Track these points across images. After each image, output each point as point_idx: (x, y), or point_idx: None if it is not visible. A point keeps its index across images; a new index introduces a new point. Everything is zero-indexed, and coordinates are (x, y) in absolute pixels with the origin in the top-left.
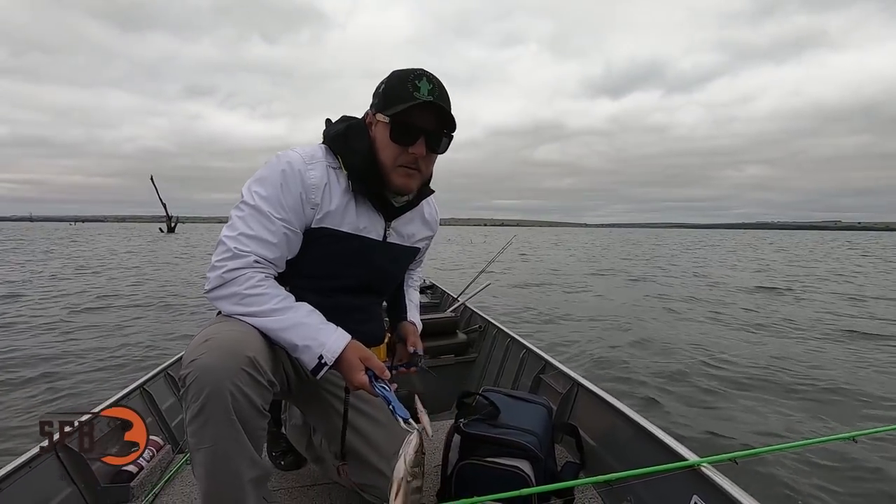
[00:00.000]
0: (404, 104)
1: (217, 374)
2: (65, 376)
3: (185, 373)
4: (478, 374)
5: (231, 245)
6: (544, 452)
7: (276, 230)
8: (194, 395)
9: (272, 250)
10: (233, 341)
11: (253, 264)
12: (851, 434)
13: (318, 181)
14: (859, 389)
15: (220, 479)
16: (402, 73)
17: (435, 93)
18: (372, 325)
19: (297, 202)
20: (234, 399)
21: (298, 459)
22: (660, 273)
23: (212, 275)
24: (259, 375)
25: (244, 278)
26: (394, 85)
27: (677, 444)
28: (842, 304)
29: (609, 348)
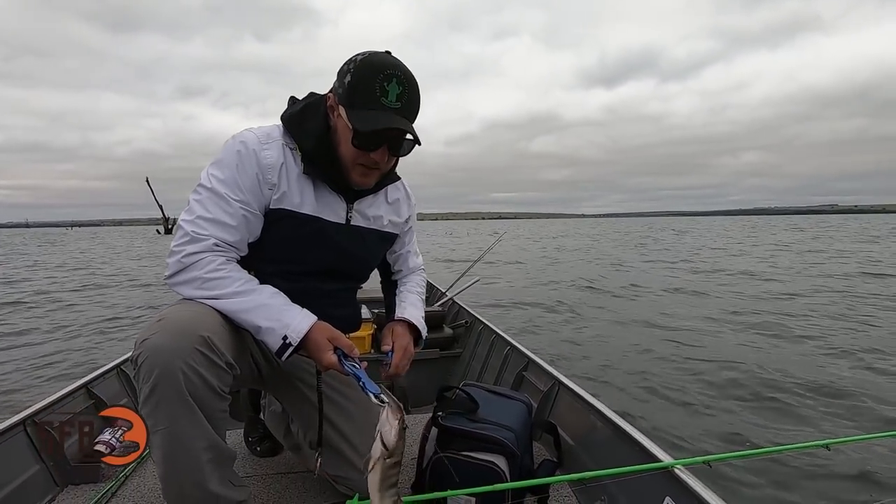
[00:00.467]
0: (369, 110)
1: (168, 353)
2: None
3: (136, 353)
4: (461, 370)
5: (189, 229)
6: (521, 449)
7: (234, 212)
8: (145, 375)
9: (231, 233)
10: (186, 321)
11: (212, 248)
12: (825, 442)
13: (273, 161)
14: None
15: (178, 461)
16: (372, 68)
17: (404, 97)
18: (343, 310)
19: (253, 183)
20: (188, 379)
21: (275, 446)
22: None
23: (171, 260)
24: (214, 356)
25: (204, 262)
26: (361, 81)
27: (652, 446)
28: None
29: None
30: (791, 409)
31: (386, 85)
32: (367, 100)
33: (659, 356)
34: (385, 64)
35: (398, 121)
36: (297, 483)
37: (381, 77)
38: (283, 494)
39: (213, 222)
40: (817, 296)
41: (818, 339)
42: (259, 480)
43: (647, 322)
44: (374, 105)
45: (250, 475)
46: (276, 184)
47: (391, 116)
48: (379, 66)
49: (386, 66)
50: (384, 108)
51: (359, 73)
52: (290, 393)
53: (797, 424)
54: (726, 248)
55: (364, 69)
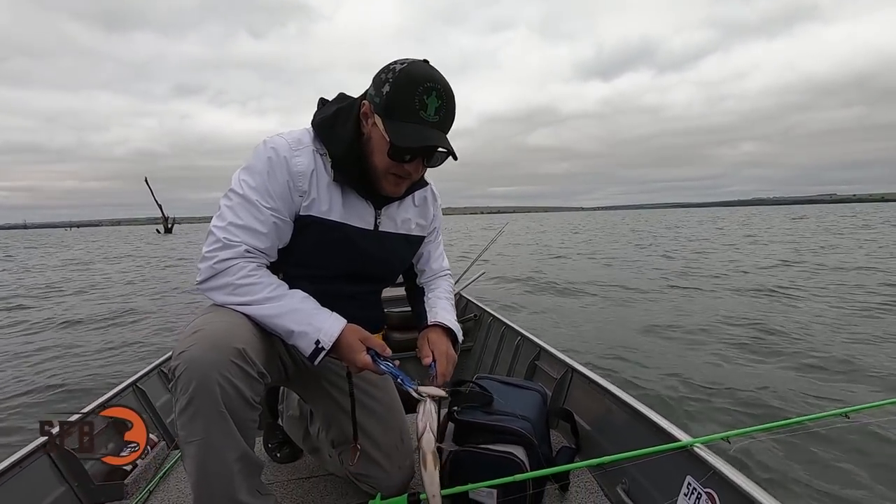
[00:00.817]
0: (407, 123)
1: (205, 366)
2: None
3: (173, 365)
4: (473, 363)
5: (221, 235)
6: (538, 438)
7: (265, 219)
8: (183, 387)
9: (262, 240)
10: (222, 332)
11: (244, 254)
12: (843, 410)
13: (304, 168)
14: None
15: (210, 472)
16: (412, 80)
17: (442, 110)
18: (369, 311)
19: (284, 190)
20: (224, 391)
21: (294, 451)
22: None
23: (203, 266)
24: (248, 367)
25: (236, 268)
26: (401, 93)
27: (670, 426)
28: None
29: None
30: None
31: (425, 98)
32: (405, 113)
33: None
34: (425, 76)
35: (436, 136)
36: (319, 487)
37: (421, 90)
38: (305, 499)
39: (244, 229)
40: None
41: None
42: (280, 487)
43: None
44: (413, 118)
45: (271, 482)
46: (307, 190)
47: (429, 131)
48: (419, 78)
49: (426, 78)
50: (422, 121)
51: (398, 84)
52: (315, 391)
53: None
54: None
55: (403, 81)
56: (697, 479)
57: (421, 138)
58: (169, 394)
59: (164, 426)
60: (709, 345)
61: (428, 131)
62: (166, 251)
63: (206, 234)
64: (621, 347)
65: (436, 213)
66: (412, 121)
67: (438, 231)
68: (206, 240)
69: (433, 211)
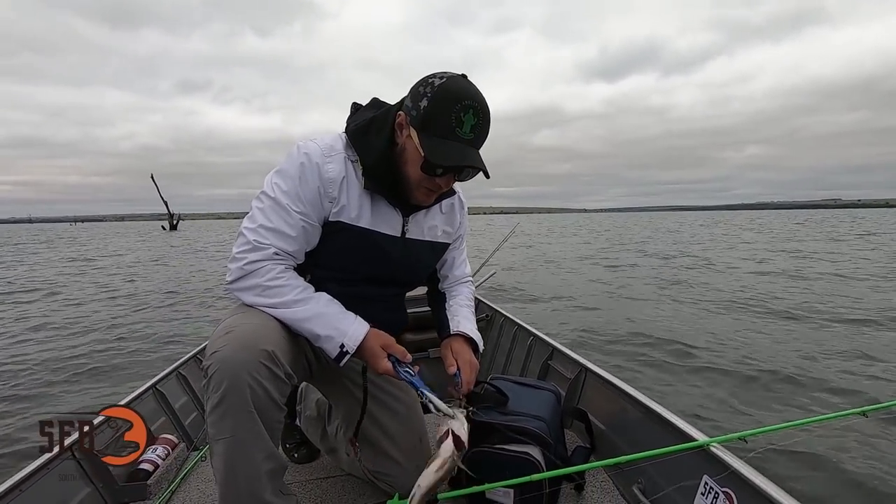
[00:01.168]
0: (443, 139)
1: (236, 366)
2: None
3: (207, 364)
4: (486, 364)
5: (251, 237)
6: (553, 438)
7: (294, 223)
8: (215, 386)
9: (291, 243)
10: (252, 334)
11: (273, 256)
12: (862, 409)
13: (335, 175)
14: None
15: (238, 470)
16: (450, 97)
17: (477, 129)
18: (393, 314)
19: (314, 196)
20: (253, 391)
21: (312, 452)
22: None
23: (233, 266)
24: (277, 369)
25: (264, 270)
26: (438, 109)
27: (686, 425)
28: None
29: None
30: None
31: (462, 115)
32: (441, 129)
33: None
34: (463, 94)
35: (471, 154)
36: (337, 486)
37: (459, 107)
38: (323, 499)
39: (274, 232)
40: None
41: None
42: (299, 487)
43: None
44: (449, 135)
45: (289, 482)
46: (337, 197)
47: (464, 150)
48: (457, 95)
49: (464, 95)
50: (458, 138)
51: (436, 100)
52: (337, 389)
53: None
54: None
55: (442, 97)
56: (714, 478)
57: (455, 156)
58: (187, 396)
59: (183, 428)
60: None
61: (463, 149)
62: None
63: (236, 234)
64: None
65: (462, 221)
66: (448, 137)
67: (463, 238)
68: (236, 240)
69: (459, 218)
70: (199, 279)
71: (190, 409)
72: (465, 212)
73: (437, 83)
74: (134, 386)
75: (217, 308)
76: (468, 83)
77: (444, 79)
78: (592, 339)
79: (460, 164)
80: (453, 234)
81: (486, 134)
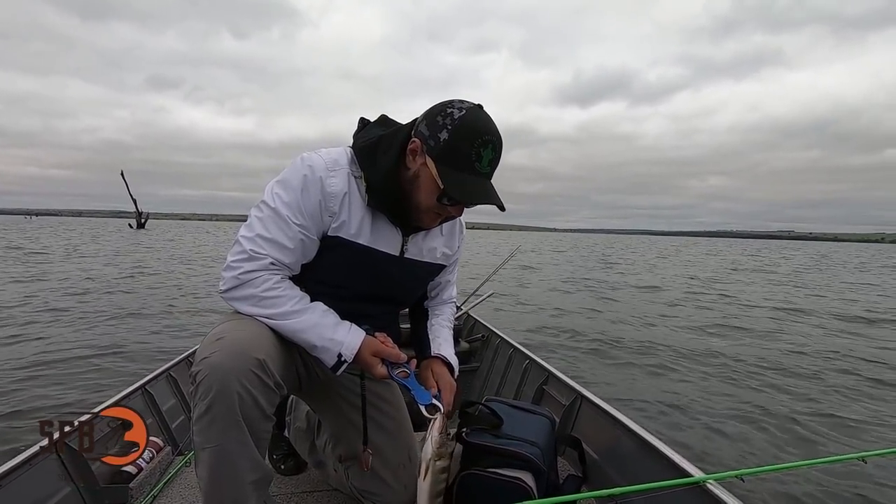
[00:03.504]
0: (461, 172)
1: (226, 374)
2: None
3: (195, 370)
4: (480, 384)
5: (247, 246)
6: (547, 465)
7: (293, 235)
8: (203, 393)
9: (288, 255)
10: (244, 342)
11: (269, 267)
12: (861, 454)
13: (337, 190)
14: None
15: (223, 479)
16: (472, 131)
17: (494, 163)
18: (386, 329)
19: (315, 209)
20: (241, 400)
21: (298, 464)
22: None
23: (227, 275)
24: (267, 378)
25: (260, 280)
26: (459, 143)
27: (682, 460)
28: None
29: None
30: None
31: (482, 151)
32: (461, 164)
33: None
34: (483, 129)
35: (489, 190)
36: (322, 501)
37: (479, 143)
38: None
39: (271, 242)
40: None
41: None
42: (284, 499)
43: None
44: (467, 169)
45: (275, 494)
46: (337, 212)
47: (483, 184)
48: (478, 130)
49: (484, 131)
50: (476, 173)
51: (458, 135)
52: (326, 403)
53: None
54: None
55: (463, 132)
56: None
57: (476, 193)
58: (175, 399)
59: (169, 431)
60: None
61: (483, 184)
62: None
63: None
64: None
65: (460, 244)
66: (466, 170)
67: (457, 261)
68: (231, 248)
69: (458, 242)
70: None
71: (178, 413)
72: (463, 235)
73: (457, 115)
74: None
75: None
76: (487, 117)
77: (463, 111)
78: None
79: (481, 201)
80: (451, 256)
81: (497, 166)
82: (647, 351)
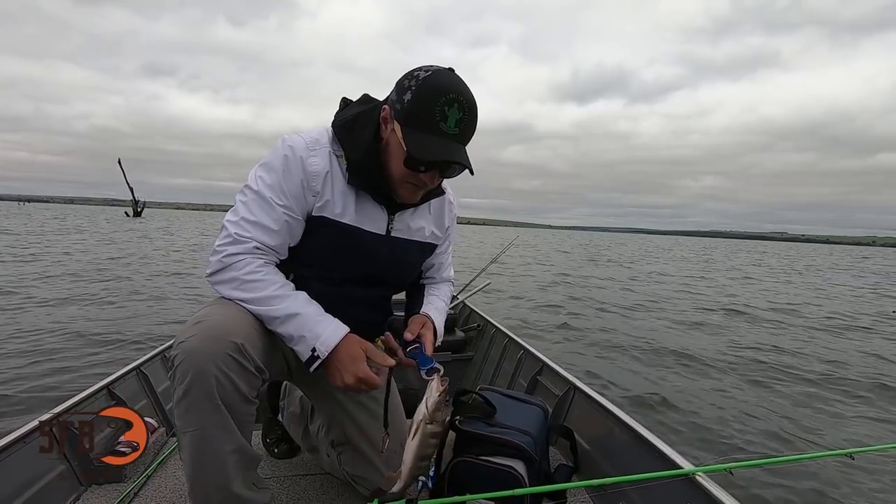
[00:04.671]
0: (427, 134)
1: (202, 358)
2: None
3: (172, 354)
4: (474, 373)
5: (232, 230)
6: (539, 454)
7: (277, 217)
8: (180, 377)
9: (273, 237)
10: (222, 325)
11: (253, 250)
12: (849, 451)
13: (319, 169)
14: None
15: (205, 463)
16: (435, 90)
17: (463, 122)
18: (375, 314)
19: (298, 189)
20: (219, 384)
21: (292, 448)
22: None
23: (213, 259)
24: (246, 362)
25: (243, 263)
26: (422, 102)
27: (672, 452)
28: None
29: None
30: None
31: (447, 110)
32: (425, 123)
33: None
34: (449, 87)
35: (455, 150)
36: (315, 485)
37: (443, 101)
38: (301, 496)
39: (256, 225)
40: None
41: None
42: (277, 482)
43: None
44: (433, 130)
45: (268, 476)
46: (320, 192)
47: (448, 145)
48: (442, 88)
49: (449, 89)
50: (442, 134)
51: (420, 93)
52: (318, 389)
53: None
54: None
55: (426, 90)
56: None
57: (438, 152)
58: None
59: (164, 412)
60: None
61: (447, 144)
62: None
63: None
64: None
65: (450, 223)
66: (431, 132)
67: (451, 239)
68: (219, 233)
69: (448, 221)
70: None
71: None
72: (454, 214)
73: (422, 76)
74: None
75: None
76: (455, 77)
77: (429, 72)
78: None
79: (443, 159)
80: (441, 235)
81: (472, 129)
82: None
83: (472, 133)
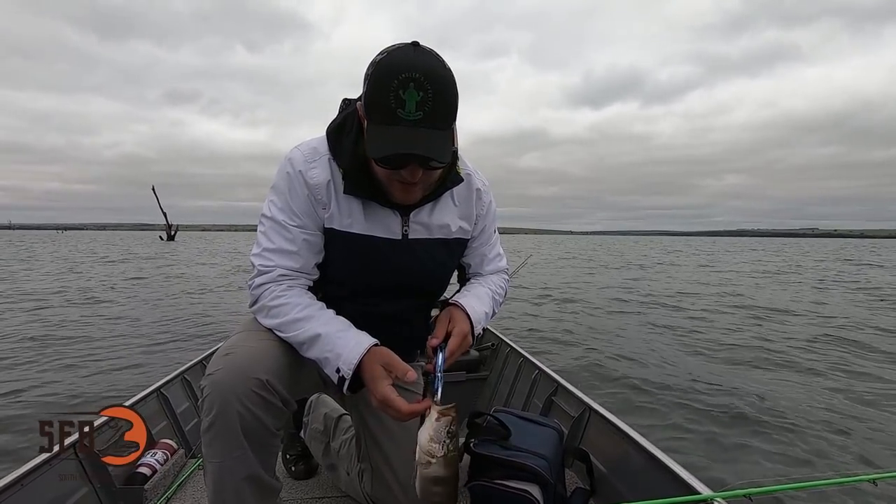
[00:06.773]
0: (386, 126)
1: (228, 394)
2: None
3: (202, 384)
4: (489, 393)
5: (257, 263)
6: (554, 477)
7: (293, 237)
8: (206, 409)
9: (295, 259)
10: (248, 359)
11: (278, 278)
12: (872, 476)
13: (320, 180)
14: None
15: (226, 494)
16: (387, 72)
17: (427, 103)
18: (413, 330)
19: (306, 204)
20: (243, 419)
21: (310, 468)
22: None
23: (249, 293)
24: (272, 397)
25: (269, 292)
26: (376, 91)
27: (690, 477)
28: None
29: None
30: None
31: (402, 93)
32: (383, 114)
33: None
34: (401, 66)
35: (412, 138)
36: None
37: (396, 84)
38: None
39: (276, 252)
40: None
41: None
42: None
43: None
44: (392, 120)
45: (285, 499)
46: (326, 202)
47: (408, 133)
48: (394, 69)
49: (401, 68)
50: (401, 121)
51: (375, 80)
52: (354, 397)
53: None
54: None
55: (379, 76)
56: None
57: (391, 145)
58: (189, 402)
59: (183, 434)
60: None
61: (406, 133)
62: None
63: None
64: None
65: (480, 212)
66: (392, 122)
67: (490, 229)
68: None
69: (477, 209)
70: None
71: (191, 415)
72: (485, 201)
73: (377, 60)
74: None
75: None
76: (413, 52)
77: (384, 54)
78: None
79: (394, 153)
80: (473, 227)
81: (442, 109)
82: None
83: (447, 111)
